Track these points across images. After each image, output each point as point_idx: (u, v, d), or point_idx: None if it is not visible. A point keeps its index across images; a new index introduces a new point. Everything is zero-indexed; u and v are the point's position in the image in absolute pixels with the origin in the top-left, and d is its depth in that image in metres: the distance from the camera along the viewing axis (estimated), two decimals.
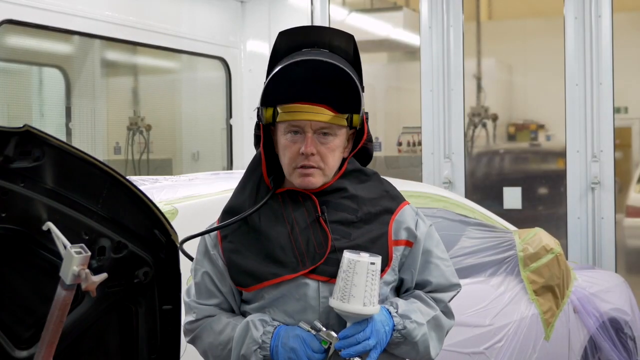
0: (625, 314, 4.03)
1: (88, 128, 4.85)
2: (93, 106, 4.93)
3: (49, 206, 1.56)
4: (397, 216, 1.99)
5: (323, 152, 1.92)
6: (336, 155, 1.95)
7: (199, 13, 5.58)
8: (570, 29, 5.41)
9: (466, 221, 3.46)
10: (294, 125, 1.92)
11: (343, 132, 1.96)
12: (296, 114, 1.91)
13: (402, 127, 6.09)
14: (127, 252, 1.65)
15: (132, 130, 5.12)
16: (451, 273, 2.05)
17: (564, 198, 5.48)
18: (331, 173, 1.96)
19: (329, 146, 1.92)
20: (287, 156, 1.93)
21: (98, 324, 1.68)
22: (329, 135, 1.92)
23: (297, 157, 1.91)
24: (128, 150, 5.15)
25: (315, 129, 1.91)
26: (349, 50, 1.97)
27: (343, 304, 1.81)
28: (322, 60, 1.89)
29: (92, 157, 1.60)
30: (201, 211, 2.46)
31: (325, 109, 1.92)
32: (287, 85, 1.91)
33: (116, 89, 5.44)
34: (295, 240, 1.91)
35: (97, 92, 5.02)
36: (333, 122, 1.92)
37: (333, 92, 1.91)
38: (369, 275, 1.81)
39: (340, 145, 1.96)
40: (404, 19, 6.35)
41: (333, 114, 1.92)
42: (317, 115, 1.90)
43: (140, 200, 1.65)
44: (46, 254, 1.58)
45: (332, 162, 1.94)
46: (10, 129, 1.50)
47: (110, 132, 5.14)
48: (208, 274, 1.97)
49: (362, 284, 1.80)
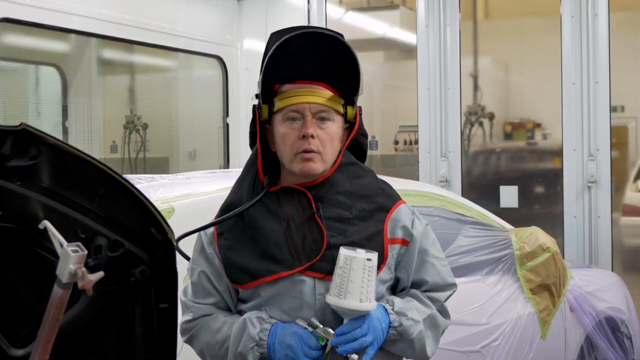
0: (622, 312, 4.04)
1: (85, 126, 4.85)
2: (89, 104, 4.94)
3: (45, 204, 1.56)
4: (392, 214, 1.98)
5: (322, 136, 1.91)
6: (334, 142, 1.94)
7: (195, 12, 5.57)
8: (567, 28, 5.42)
9: (463, 220, 3.47)
10: (293, 110, 1.91)
11: (339, 121, 1.95)
12: (293, 97, 1.91)
13: (399, 125, 6.10)
14: (124, 250, 1.64)
15: (129, 129, 5.12)
16: (447, 272, 2.04)
17: (561, 197, 5.49)
18: (330, 160, 1.94)
19: (328, 131, 1.91)
20: (287, 143, 1.92)
21: (94, 323, 1.67)
22: (326, 120, 1.92)
23: (297, 142, 1.90)
24: (125, 148, 5.15)
25: (313, 113, 1.90)
26: None
27: (340, 300, 1.81)
28: (320, 33, 1.89)
29: (88, 156, 1.59)
30: (198, 210, 2.46)
31: (323, 88, 1.92)
32: (285, 64, 1.90)
33: (113, 88, 5.44)
34: (291, 237, 1.91)
35: (94, 91, 5.02)
36: (331, 105, 1.91)
37: (331, 67, 1.90)
38: (365, 271, 1.81)
39: (338, 133, 1.95)
40: (400, 18, 6.36)
41: (331, 93, 1.92)
42: (315, 97, 1.90)
43: (136, 199, 1.65)
44: (42, 253, 1.58)
45: (330, 149, 1.93)
46: (6, 127, 1.50)
47: (107, 130, 5.14)
48: (204, 272, 1.97)
49: (358, 280, 1.80)
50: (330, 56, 1.90)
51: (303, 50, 1.89)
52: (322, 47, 1.89)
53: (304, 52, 1.89)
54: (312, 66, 1.91)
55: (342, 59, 1.90)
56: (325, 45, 1.89)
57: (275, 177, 2.01)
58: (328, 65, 1.90)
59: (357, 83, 1.93)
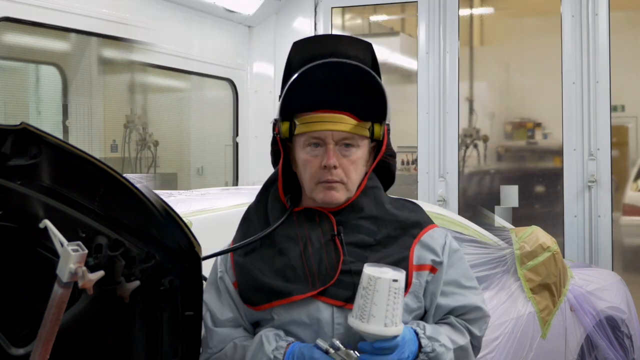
0: (622, 312, 4.05)
1: (85, 126, 4.90)
2: (90, 104, 4.99)
3: (45, 204, 1.57)
4: (421, 239, 1.86)
5: (345, 165, 1.81)
6: (359, 168, 1.84)
7: (208, 37, 5.80)
8: (568, 28, 5.44)
9: (461, 238, 3.47)
10: (314, 137, 1.81)
11: (365, 144, 1.85)
12: (316, 124, 1.80)
13: (397, 146, 6.15)
14: (155, 262, 1.65)
15: (129, 128, 5.15)
16: (480, 301, 1.92)
17: (561, 196, 5.50)
18: (354, 188, 1.84)
19: (352, 159, 1.81)
20: (309, 171, 1.82)
21: (95, 322, 1.68)
22: (351, 146, 1.81)
23: (319, 172, 1.80)
24: (125, 147, 5.19)
25: (336, 140, 1.80)
26: (367, 59, 1.86)
27: (363, 324, 1.68)
28: (344, 63, 1.78)
29: (88, 155, 1.59)
30: (214, 224, 2.57)
31: (347, 117, 1.80)
32: (306, 93, 1.80)
33: (113, 87, 5.48)
34: (307, 260, 1.81)
35: (94, 90, 5.07)
36: (355, 132, 1.80)
37: (356, 98, 1.80)
38: (391, 293, 1.67)
39: (363, 158, 1.85)
40: (400, 44, 6.52)
41: (355, 122, 1.81)
42: (339, 124, 1.79)
43: (136, 198, 1.64)
44: (43, 252, 1.59)
45: (354, 176, 1.83)
46: (7, 126, 1.51)
47: (107, 129, 5.18)
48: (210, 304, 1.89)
49: (383, 303, 1.66)
50: (355, 85, 1.79)
51: (323, 82, 1.78)
52: (346, 76, 1.78)
53: (328, 81, 1.78)
54: (335, 96, 1.80)
55: (367, 87, 1.80)
56: (349, 74, 1.78)
57: (296, 197, 1.92)
58: (353, 94, 1.79)
59: (383, 111, 1.82)
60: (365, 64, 1.84)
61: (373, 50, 1.88)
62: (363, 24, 6.80)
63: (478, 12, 6.29)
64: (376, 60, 1.88)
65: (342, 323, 1.77)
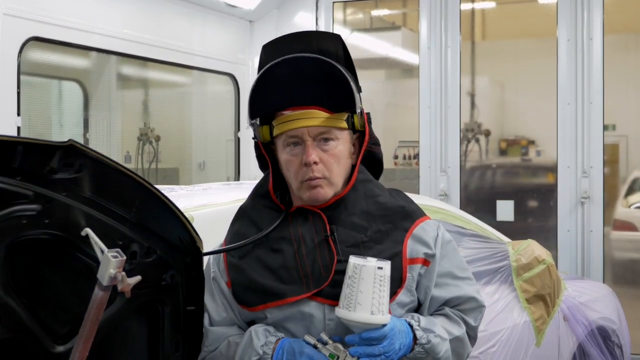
0: (613, 322, 4.04)
1: (104, 138, 4.95)
2: (109, 117, 5.04)
3: (87, 214, 1.64)
4: (414, 232, 1.83)
5: (326, 159, 1.78)
6: (342, 162, 1.81)
7: (209, 32, 5.72)
8: (563, 51, 5.48)
9: (462, 232, 3.45)
10: (291, 135, 1.79)
11: (345, 136, 1.81)
12: (289, 123, 1.78)
13: (398, 141, 6.19)
14: (156, 256, 1.73)
15: (142, 141, 5.23)
16: (475, 291, 1.89)
17: (555, 211, 5.52)
18: (339, 182, 1.82)
19: (332, 152, 1.79)
20: (292, 171, 1.81)
21: (126, 322, 1.77)
22: (330, 140, 1.79)
23: (301, 170, 1.78)
24: (138, 159, 5.26)
25: (314, 136, 1.77)
26: (338, 51, 1.83)
27: (349, 313, 1.67)
28: (303, 57, 1.75)
29: (127, 169, 1.67)
30: (215, 218, 2.46)
31: (317, 111, 1.77)
32: (274, 93, 1.78)
33: (129, 102, 5.56)
34: (301, 261, 1.79)
35: (113, 104, 5.13)
36: (330, 124, 1.77)
37: (322, 90, 1.76)
38: (377, 280, 1.66)
39: (345, 151, 1.82)
40: (402, 38, 6.48)
41: (327, 114, 1.77)
42: (310, 120, 1.76)
43: (168, 209, 1.72)
44: (83, 258, 1.66)
45: (337, 169, 1.80)
46: (56, 143, 1.58)
47: (124, 142, 5.25)
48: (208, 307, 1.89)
49: (369, 291, 1.65)
50: (319, 78, 1.76)
51: (289, 76, 1.76)
52: (308, 71, 1.76)
53: (291, 78, 1.76)
54: (302, 92, 1.76)
55: (332, 78, 1.76)
56: (310, 68, 1.76)
57: (288, 197, 1.90)
58: (319, 88, 1.76)
59: (352, 100, 1.77)
60: (336, 56, 1.80)
61: (343, 41, 1.85)
62: (365, 18, 6.74)
63: (480, 7, 6.24)
64: (347, 51, 1.84)
65: (333, 319, 1.75)
